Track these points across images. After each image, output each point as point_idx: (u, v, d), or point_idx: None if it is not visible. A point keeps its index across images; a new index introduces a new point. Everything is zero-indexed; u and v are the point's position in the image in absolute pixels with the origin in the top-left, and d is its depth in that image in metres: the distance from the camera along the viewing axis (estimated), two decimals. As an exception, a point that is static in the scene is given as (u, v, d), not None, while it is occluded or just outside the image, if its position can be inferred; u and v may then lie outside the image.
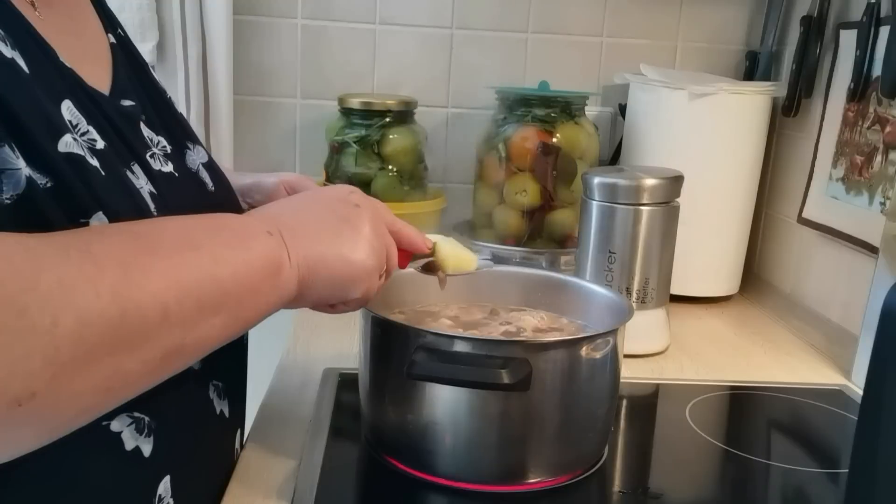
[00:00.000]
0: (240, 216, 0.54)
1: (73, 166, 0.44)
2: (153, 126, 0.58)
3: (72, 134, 0.45)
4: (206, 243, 0.47)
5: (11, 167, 0.41)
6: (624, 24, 1.30)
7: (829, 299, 1.07)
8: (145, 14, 1.12)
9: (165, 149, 0.58)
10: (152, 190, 0.52)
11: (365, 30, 1.28)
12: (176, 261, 0.44)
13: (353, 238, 0.56)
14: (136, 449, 0.49)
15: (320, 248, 0.54)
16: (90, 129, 0.47)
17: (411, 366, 0.56)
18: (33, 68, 0.44)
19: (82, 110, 0.48)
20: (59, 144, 0.44)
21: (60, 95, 0.46)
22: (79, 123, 0.46)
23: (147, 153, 0.55)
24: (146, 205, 0.50)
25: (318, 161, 1.22)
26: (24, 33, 0.46)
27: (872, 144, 0.97)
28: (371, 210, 0.59)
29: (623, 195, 0.89)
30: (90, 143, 0.47)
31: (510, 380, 0.55)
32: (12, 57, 0.43)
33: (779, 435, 0.80)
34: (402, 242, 0.63)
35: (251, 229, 0.51)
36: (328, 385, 0.78)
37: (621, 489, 0.64)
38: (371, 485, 0.64)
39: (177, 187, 0.56)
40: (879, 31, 0.97)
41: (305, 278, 0.53)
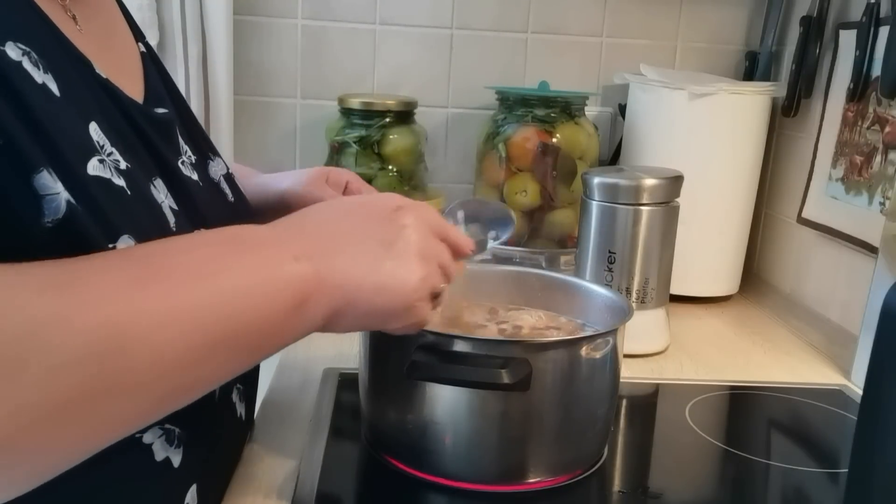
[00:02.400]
0: (267, 233, 0.49)
1: (102, 189, 0.44)
2: (183, 135, 0.58)
3: (99, 155, 0.45)
4: (220, 271, 0.43)
5: (52, 192, 0.40)
6: (624, 24, 1.30)
7: (828, 299, 1.07)
8: (145, 14, 1.12)
9: (191, 158, 0.58)
10: (172, 205, 0.51)
11: (365, 30, 1.28)
12: (178, 296, 0.40)
13: (398, 267, 0.51)
14: (167, 460, 0.49)
15: (358, 277, 0.49)
16: (114, 150, 0.47)
17: (411, 366, 0.56)
18: (65, 89, 0.44)
19: (110, 128, 0.47)
20: (88, 167, 0.43)
21: (89, 116, 0.46)
22: (105, 144, 0.46)
23: (178, 160, 0.56)
24: (166, 221, 0.50)
25: (318, 161, 1.22)
26: (60, 50, 0.46)
27: (872, 144, 0.97)
28: (421, 228, 0.53)
29: (623, 195, 0.89)
30: (115, 163, 0.46)
31: (510, 380, 0.55)
32: (44, 82, 0.43)
33: (778, 435, 0.80)
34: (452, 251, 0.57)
35: (277, 254, 0.47)
36: (328, 385, 0.78)
37: (621, 489, 0.64)
38: (371, 485, 0.64)
39: (201, 196, 0.56)
40: (879, 32, 0.97)
41: (338, 310, 0.49)
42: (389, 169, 1.14)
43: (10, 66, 0.41)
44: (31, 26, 0.45)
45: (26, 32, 0.43)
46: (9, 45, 0.41)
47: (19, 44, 0.42)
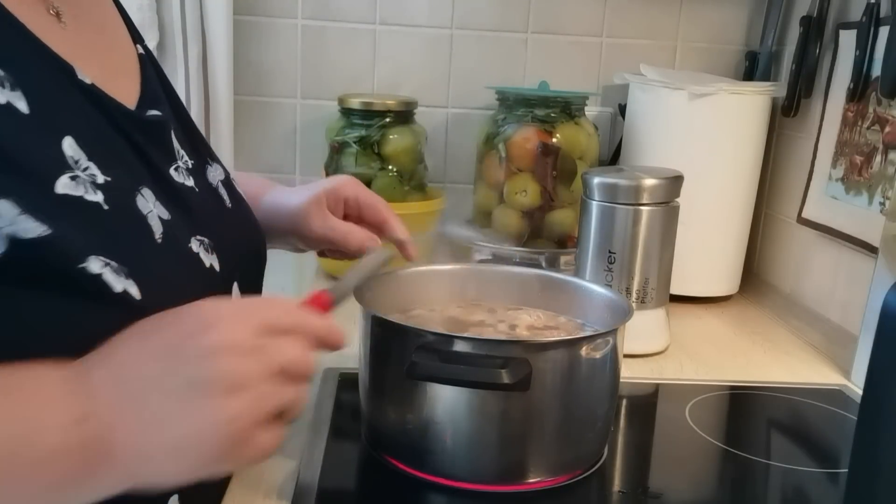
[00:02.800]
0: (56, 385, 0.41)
1: (71, 208, 0.42)
2: (179, 139, 0.57)
3: (72, 172, 0.43)
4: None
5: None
6: (624, 24, 1.30)
7: (828, 299, 1.07)
8: (145, 14, 1.12)
9: (188, 163, 0.56)
10: (162, 214, 0.49)
11: (365, 30, 1.28)
12: None
13: (203, 417, 0.41)
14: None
15: (167, 437, 0.41)
16: (91, 164, 0.45)
17: (411, 366, 0.56)
18: (35, 105, 0.43)
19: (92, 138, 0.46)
20: (56, 186, 0.42)
21: (64, 130, 0.44)
22: (80, 159, 0.44)
23: (171, 166, 0.54)
24: (150, 232, 0.47)
25: (318, 161, 1.22)
26: (36, 60, 0.45)
27: (872, 144, 0.97)
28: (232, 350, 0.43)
29: (623, 195, 0.89)
30: (91, 177, 0.44)
31: (510, 380, 0.55)
32: (8, 101, 0.42)
33: (778, 435, 0.80)
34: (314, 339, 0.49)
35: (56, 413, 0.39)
36: (328, 385, 0.78)
37: (621, 489, 0.64)
38: (371, 485, 0.64)
39: (196, 202, 0.54)
40: (879, 32, 0.97)
41: (142, 474, 0.41)
42: (389, 169, 1.14)
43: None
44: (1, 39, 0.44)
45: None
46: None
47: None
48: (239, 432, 0.42)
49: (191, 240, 0.52)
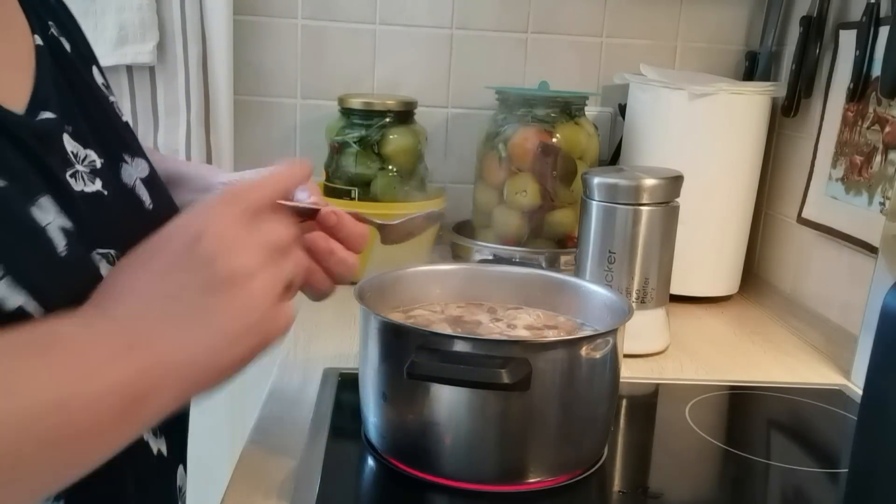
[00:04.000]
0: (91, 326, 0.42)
1: None
2: (82, 138, 0.51)
3: None
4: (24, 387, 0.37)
5: None
6: (624, 24, 1.30)
7: (828, 299, 1.07)
8: (145, 14, 1.12)
9: (94, 164, 0.51)
10: (64, 224, 0.46)
11: (365, 30, 1.28)
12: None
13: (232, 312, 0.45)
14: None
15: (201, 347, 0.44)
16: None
17: (411, 366, 0.56)
18: None
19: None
20: None
21: None
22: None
23: (68, 172, 0.49)
24: (52, 245, 0.44)
25: (318, 161, 1.22)
26: None
27: (872, 144, 0.97)
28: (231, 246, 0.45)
29: (623, 195, 0.89)
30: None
31: (510, 380, 0.55)
32: None
33: (778, 435, 0.80)
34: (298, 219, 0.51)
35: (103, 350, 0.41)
36: (328, 385, 0.78)
37: (621, 489, 0.64)
38: (371, 485, 0.64)
39: (103, 208, 0.50)
40: (879, 32, 0.97)
41: (190, 387, 0.44)
42: (389, 169, 1.14)
43: None
44: None
45: None
46: None
47: None
48: (261, 313, 0.45)
49: (92, 252, 0.48)
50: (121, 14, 1.11)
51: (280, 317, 0.47)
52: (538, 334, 0.69)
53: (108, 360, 0.40)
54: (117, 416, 0.40)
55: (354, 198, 1.11)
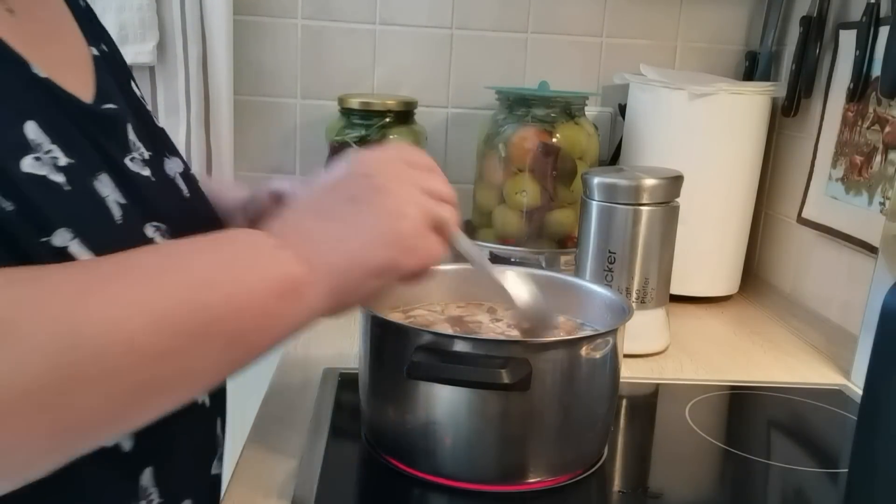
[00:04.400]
0: (249, 232, 0.49)
1: (36, 185, 0.45)
2: (136, 132, 0.58)
3: (35, 153, 0.46)
4: (194, 265, 0.43)
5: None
6: (624, 24, 1.30)
7: (828, 299, 1.07)
8: (145, 14, 1.12)
9: (144, 155, 0.58)
10: (119, 199, 0.51)
11: (365, 30, 1.28)
12: (150, 286, 0.40)
13: (377, 216, 0.50)
14: (116, 445, 0.49)
15: (345, 246, 0.49)
16: (54, 147, 0.48)
17: (411, 366, 0.56)
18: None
19: (50, 126, 0.48)
20: (21, 165, 0.45)
21: (26, 116, 0.47)
22: (42, 142, 0.47)
23: (127, 156, 0.56)
24: (110, 214, 0.50)
25: (318, 161, 1.22)
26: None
27: (872, 144, 0.97)
28: (389, 169, 0.52)
29: (623, 195, 0.89)
30: (53, 160, 0.47)
31: (510, 380, 0.55)
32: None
33: (779, 435, 0.80)
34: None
35: (257, 245, 0.47)
36: (328, 385, 0.78)
37: (621, 489, 0.64)
38: (371, 485, 0.64)
39: (152, 191, 0.56)
40: (879, 31, 0.97)
41: (339, 285, 0.48)
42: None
43: None
44: None
45: None
46: None
47: None
48: (413, 226, 0.50)
49: (146, 225, 0.54)
50: (121, 14, 1.11)
51: (427, 243, 0.51)
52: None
53: (262, 253, 0.46)
54: (275, 303, 0.45)
55: (354, 198, 1.11)
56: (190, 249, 0.45)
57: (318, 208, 0.51)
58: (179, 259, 0.43)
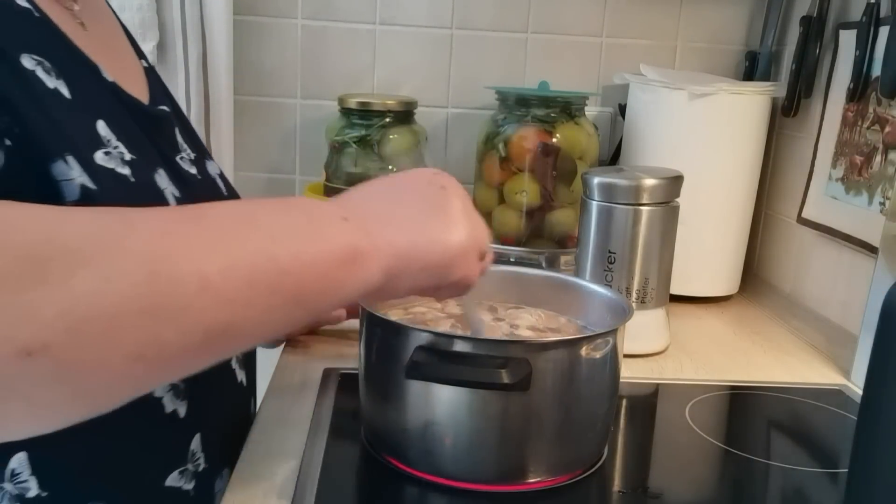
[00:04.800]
0: (315, 201, 0.51)
1: (108, 176, 0.51)
2: (182, 136, 0.66)
3: (106, 148, 0.52)
4: (266, 222, 0.45)
5: (67, 178, 0.48)
6: (624, 24, 1.30)
7: (828, 299, 1.07)
8: (145, 14, 1.12)
9: (190, 155, 0.66)
10: (175, 192, 0.58)
11: (365, 30, 1.28)
12: (226, 234, 0.43)
13: (446, 221, 0.53)
14: (174, 411, 0.56)
15: (410, 234, 0.52)
16: (120, 143, 0.53)
17: (411, 366, 0.56)
18: (75, 92, 0.51)
19: (116, 125, 0.54)
20: (96, 157, 0.51)
21: (97, 115, 0.53)
22: (111, 139, 0.53)
23: (177, 156, 0.63)
24: (168, 205, 0.56)
25: (318, 161, 1.22)
26: (71, 58, 0.54)
27: (872, 144, 0.97)
28: (460, 190, 0.56)
29: (623, 195, 0.89)
30: (120, 154, 0.53)
31: (510, 380, 0.55)
32: (55, 87, 0.50)
33: (779, 435, 0.80)
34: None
35: (325, 214, 0.49)
36: (328, 385, 0.78)
37: (621, 489, 0.64)
38: (371, 485, 0.64)
39: (199, 189, 0.63)
40: (879, 32, 0.97)
41: (394, 267, 0.50)
42: (389, 169, 1.14)
43: (25, 74, 0.48)
44: (45, 39, 0.52)
45: (40, 45, 0.51)
46: (24, 57, 0.48)
47: (33, 55, 0.49)
48: (472, 244, 0.54)
49: None
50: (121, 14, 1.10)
51: (473, 266, 0.55)
52: (541, 336, 0.69)
53: (331, 221, 0.48)
54: (337, 266, 0.47)
55: (354, 198, 1.11)
56: (264, 209, 0.47)
57: (388, 193, 0.54)
58: (253, 215, 0.46)
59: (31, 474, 0.50)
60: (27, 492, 0.50)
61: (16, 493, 0.50)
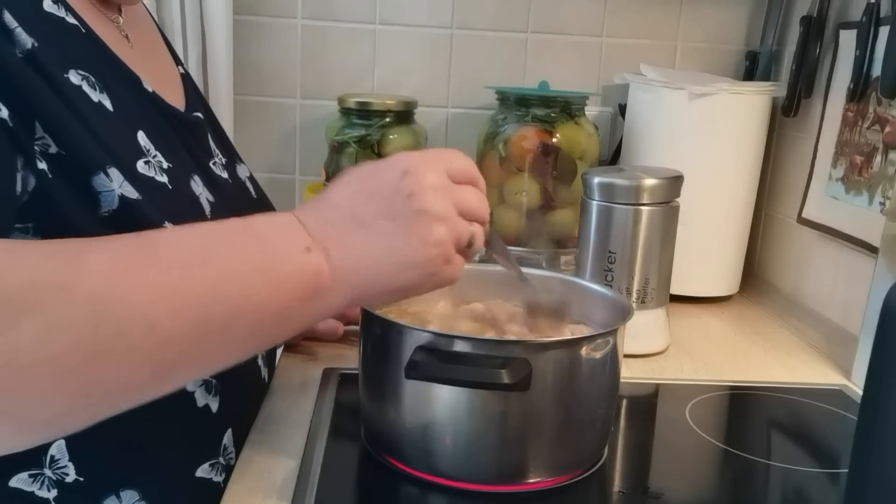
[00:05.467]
0: (280, 225, 0.50)
1: (147, 185, 0.53)
2: (214, 141, 0.69)
3: (145, 158, 0.55)
4: (220, 257, 0.45)
5: (107, 189, 0.50)
6: (624, 24, 1.30)
7: (828, 299, 1.07)
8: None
9: (222, 160, 0.68)
10: (209, 197, 0.61)
11: (365, 30, 1.28)
12: (175, 275, 0.43)
13: (413, 237, 0.51)
14: (206, 406, 0.58)
15: (375, 260, 0.51)
16: (158, 153, 0.56)
17: (411, 366, 0.56)
18: (117, 105, 0.54)
19: (155, 134, 0.57)
20: (137, 166, 0.53)
21: (137, 126, 0.56)
22: (150, 149, 0.56)
23: (210, 161, 0.66)
24: (203, 210, 0.59)
25: (318, 161, 1.22)
26: (114, 71, 0.56)
27: (872, 144, 0.97)
28: (429, 188, 0.52)
29: (623, 195, 0.89)
30: (159, 163, 0.56)
31: (510, 380, 0.55)
32: (99, 100, 0.52)
33: (779, 435, 0.80)
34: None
35: (284, 245, 0.48)
36: (328, 385, 0.78)
37: (621, 489, 0.64)
38: (371, 485, 0.64)
39: (230, 193, 0.66)
40: (879, 32, 0.97)
41: (359, 294, 0.51)
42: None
43: (72, 90, 0.50)
44: (91, 54, 0.54)
45: (86, 60, 0.53)
46: (71, 73, 0.51)
47: (80, 70, 0.51)
48: (442, 254, 0.52)
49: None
50: (121, 14, 1.11)
51: (450, 267, 0.53)
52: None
53: (289, 255, 0.47)
54: (294, 301, 0.47)
55: (354, 198, 1.11)
56: (219, 241, 0.47)
57: (354, 214, 0.52)
58: (207, 250, 0.45)
59: (69, 460, 0.52)
60: (65, 477, 0.53)
61: (55, 479, 0.52)
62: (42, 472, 0.52)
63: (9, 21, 0.47)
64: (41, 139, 0.48)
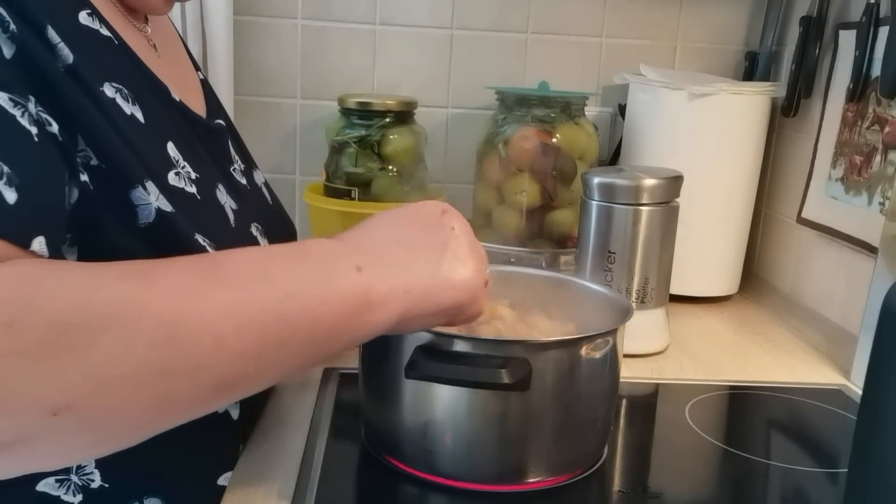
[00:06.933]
0: (331, 246, 0.52)
1: (178, 196, 0.54)
2: (233, 147, 0.70)
3: (175, 169, 0.56)
4: (280, 275, 0.47)
5: (144, 203, 0.51)
6: (624, 24, 1.30)
7: (828, 299, 1.07)
8: (145, 14, 1.12)
9: (241, 166, 0.69)
10: (232, 205, 0.62)
11: (365, 30, 1.28)
12: (240, 293, 0.44)
13: (456, 263, 0.55)
14: (227, 413, 0.60)
15: (425, 279, 0.53)
16: (187, 163, 0.57)
17: (411, 365, 0.56)
18: (148, 116, 0.55)
19: (183, 144, 0.58)
20: (168, 178, 0.54)
21: (167, 137, 0.57)
22: (179, 159, 0.56)
23: (231, 167, 0.67)
24: (227, 218, 0.60)
25: (318, 161, 1.22)
26: (145, 82, 0.57)
27: (871, 144, 0.98)
28: (465, 227, 0.58)
29: (622, 195, 0.89)
30: (188, 174, 0.57)
31: (510, 380, 0.55)
32: (132, 112, 0.53)
33: (778, 435, 0.80)
34: None
35: (339, 265, 0.50)
36: (328, 385, 0.78)
37: (621, 489, 0.64)
38: (371, 485, 0.64)
39: (250, 199, 0.68)
40: (879, 32, 0.97)
41: (409, 311, 0.52)
42: (389, 169, 1.14)
43: (108, 103, 0.51)
44: (124, 66, 0.55)
45: (120, 72, 0.54)
46: (106, 86, 0.51)
47: (114, 83, 0.52)
48: (480, 280, 0.56)
49: (251, 226, 0.64)
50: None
51: (480, 297, 0.57)
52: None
53: (343, 273, 0.49)
54: (349, 317, 0.48)
55: (354, 198, 1.11)
56: (278, 260, 0.49)
57: (403, 235, 0.55)
58: (267, 268, 0.47)
59: (95, 467, 0.54)
60: (91, 483, 0.54)
61: (80, 485, 0.54)
62: (69, 478, 0.54)
63: (52, 36, 0.48)
64: (83, 151, 0.49)
